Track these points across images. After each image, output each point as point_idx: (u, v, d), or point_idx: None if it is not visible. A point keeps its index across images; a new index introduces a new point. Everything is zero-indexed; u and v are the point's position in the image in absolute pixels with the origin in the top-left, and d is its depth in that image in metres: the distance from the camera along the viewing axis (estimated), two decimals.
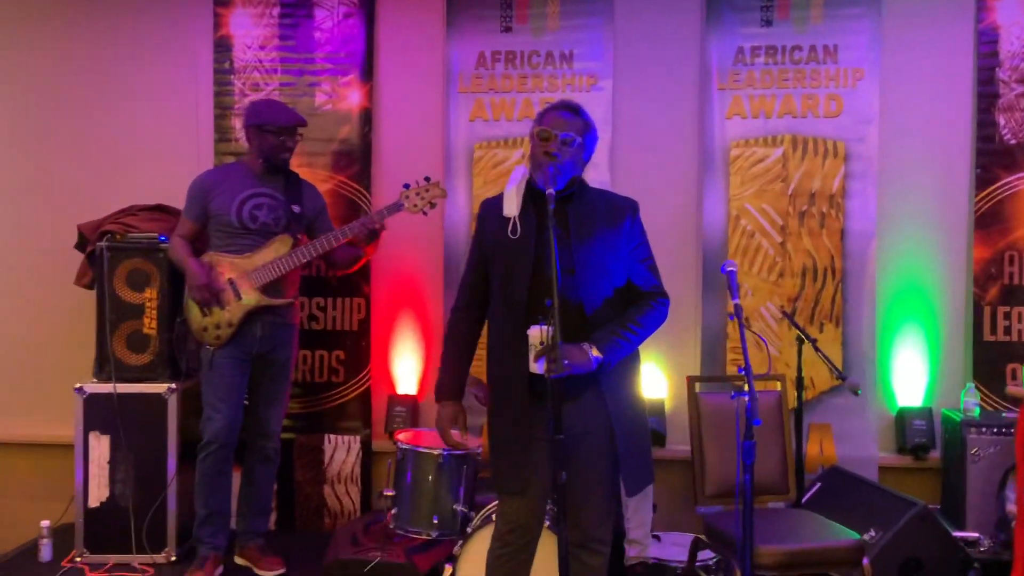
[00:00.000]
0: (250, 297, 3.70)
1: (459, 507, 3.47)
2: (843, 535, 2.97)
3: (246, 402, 3.84)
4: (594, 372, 2.54)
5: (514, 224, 2.64)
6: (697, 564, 3.31)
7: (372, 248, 3.91)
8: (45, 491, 4.39)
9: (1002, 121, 4.17)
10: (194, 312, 3.73)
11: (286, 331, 3.84)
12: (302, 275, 4.06)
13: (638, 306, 2.68)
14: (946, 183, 4.24)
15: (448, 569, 3.24)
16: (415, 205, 3.77)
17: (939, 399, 4.21)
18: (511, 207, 2.66)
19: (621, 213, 2.71)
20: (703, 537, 3.12)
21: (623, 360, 2.63)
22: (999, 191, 4.17)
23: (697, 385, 3.35)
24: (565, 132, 2.61)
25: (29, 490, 4.49)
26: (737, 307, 2.64)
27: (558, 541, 2.40)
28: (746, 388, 2.48)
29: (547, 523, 2.91)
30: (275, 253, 3.72)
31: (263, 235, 3.74)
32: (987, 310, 4.18)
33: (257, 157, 3.77)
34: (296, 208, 3.79)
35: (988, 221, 4.18)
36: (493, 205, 2.73)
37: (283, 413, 3.92)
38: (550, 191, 2.46)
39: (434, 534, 3.49)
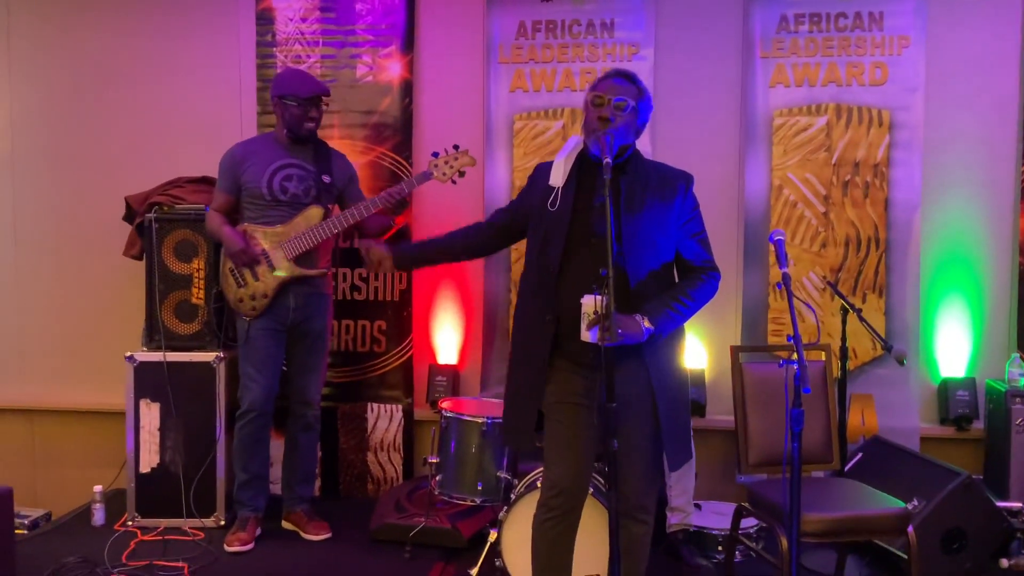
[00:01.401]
0: (283, 268, 3.75)
1: (503, 474, 3.52)
2: (888, 503, 2.98)
3: (284, 368, 3.92)
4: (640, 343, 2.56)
5: (555, 196, 2.66)
6: (739, 532, 3.33)
7: (402, 216, 3.93)
8: (97, 457, 4.51)
9: None
10: (230, 284, 3.79)
11: (320, 301, 3.88)
12: (338, 246, 4.11)
13: (689, 279, 2.70)
14: (992, 152, 4.18)
15: (493, 534, 3.30)
16: (444, 174, 3.79)
17: (983, 370, 4.19)
18: (557, 177, 2.67)
19: (673, 187, 2.71)
20: (746, 505, 3.14)
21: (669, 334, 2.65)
22: None
23: (740, 355, 3.35)
24: (619, 96, 2.61)
25: (81, 456, 4.61)
26: (785, 276, 2.64)
27: (608, 509, 2.43)
28: (793, 357, 2.49)
29: (591, 491, 2.95)
30: (307, 224, 3.76)
31: (294, 206, 3.78)
32: None
33: (282, 128, 3.80)
34: (326, 178, 3.82)
35: None
36: (544, 171, 2.74)
37: (322, 381, 3.98)
38: (607, 160, 2.45)
39: (478, 500, 3.55)
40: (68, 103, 4.64)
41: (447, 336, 4.51)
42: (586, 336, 2.47)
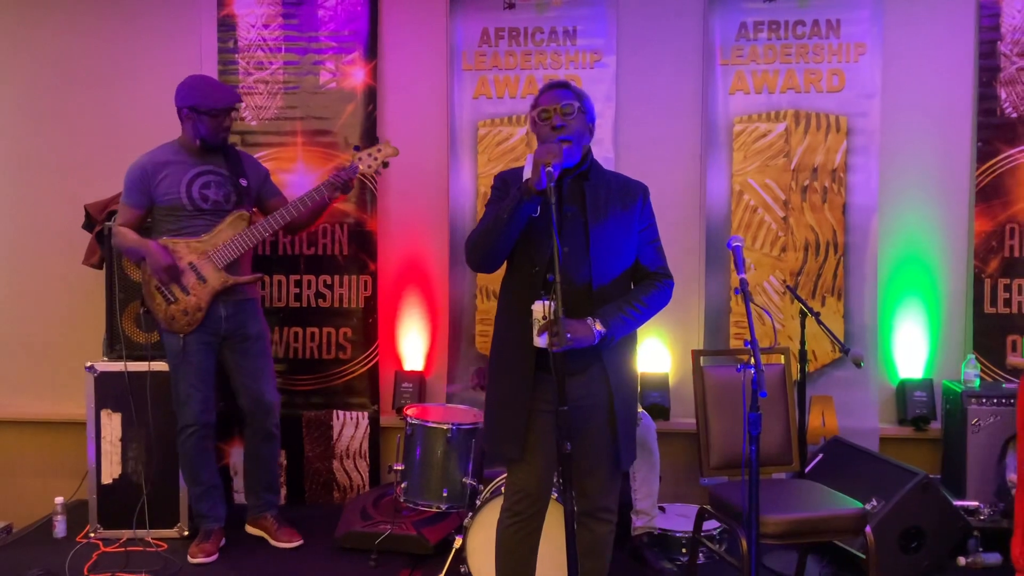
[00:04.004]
0: (214, 278, 3.69)
1: (468, 480, 3.52)
2: (846, 504, 3.02)
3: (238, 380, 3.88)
4: (597, 348, 2.59)
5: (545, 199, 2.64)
6: (702, 534, 3.36)
7: (341, 198, 3.93)
8: (58, 468, 4.45)
9: (1003, 95, 4.19)
10: (158, 302, 3.71)
11: (249, 306, 3.83)
12: (309, 253, 4.12)
13: (643, 286, 2.74)
14: (947, 157, 4.26)
15: (458, 540, 3.31)
16: (369, 166, 3.79)
17: (940, 371, 4.26)
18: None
19: (634, 195, 2.76)
20: (708, 508, 3.17)
21: (624, 338, 2.69)
22: (1000, 164, 4.20)
23: (701, 359, 3.39)
24: (564, 102, 2.66)
25: (43, 468, 4.55)
26: (743, 281, 2.68)
27: (564, 511, 2.45)
28: (751, 361, 2.52)
29: (554, 495, 2.97)
30: (233, 230, 3.71)
31: (216, 214, 3.72)
32: (988, 282, 4.21)
33: (194, 139, 3.73)
34: (243, 182, 3.77)
35: (989, 194, 4.20)
36: (515, 179, 2.71)
37: (275, 386, 3.92)
38: (549, 169, 2.46)
39: (443, 507, 3.55)
40: (28, 108, 4.59)
41: (413, 342, 4.51)
42: (537, 342, 2.49)
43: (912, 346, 4.29)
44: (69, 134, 4.57)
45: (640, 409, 3.53)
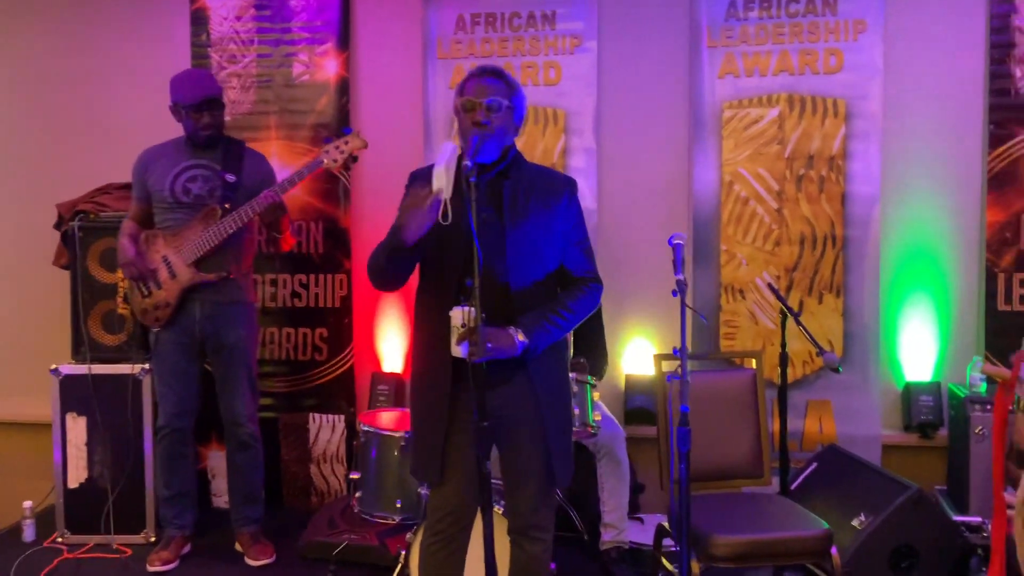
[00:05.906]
0: (183, 274, 3.56)
1: (423, 491, 3.35)
2: (810, 525, 2.76)
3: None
4: (521, 357, 2.39)
5: (445, 207, 2.41)
6: (672, 550, 3.14)
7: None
8: (37, 471, 4.39)
9: (1018, 73, 3.85)
10: (135, 295, 3.62)
11: (230, 310, 3.63)
12: (286, 252, 4.05)
13: (569, 291, 2.53)
14: (957, 141, 3.94)
15: (403, 556, 3.14)
16: (334, 160, 3.52)
17: (949, 374, 3.95)
18: (442, 188, 2.43)
19: (558, 192, 2.53)
20: (664, 524, 2.95)
21: (552, 346, 2.48)
22: (1015, 149, 3.85)
23: (664, 363, 3.15)
24: (490, 98, 2.43)
25: (22, 470, 4.49)
26: (680, 283, 2.46)
27: (483, 528, 2.27)
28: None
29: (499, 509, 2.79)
30: (204, 226, 3.54)
31: (196, 208, 3.57)
32: (1001, 277, 3.88)
33: (185, 132, 3.64)
34: (230, 178, 3.59)
35: (1003, 181, 3.86)
36: (424, 179, 2.52)
37: (247, 398, 3.70)
38: (467, 163, 2.27)
39: (397, 518, 3.39)
40: (1, 107, 4.55)
41: (391, 343, 4.36)
42: (456, 351, 2.30)
43: (919, 347, 3.98)
44: (43, 133, 4.53)
45: (600, 416, 3.30)
